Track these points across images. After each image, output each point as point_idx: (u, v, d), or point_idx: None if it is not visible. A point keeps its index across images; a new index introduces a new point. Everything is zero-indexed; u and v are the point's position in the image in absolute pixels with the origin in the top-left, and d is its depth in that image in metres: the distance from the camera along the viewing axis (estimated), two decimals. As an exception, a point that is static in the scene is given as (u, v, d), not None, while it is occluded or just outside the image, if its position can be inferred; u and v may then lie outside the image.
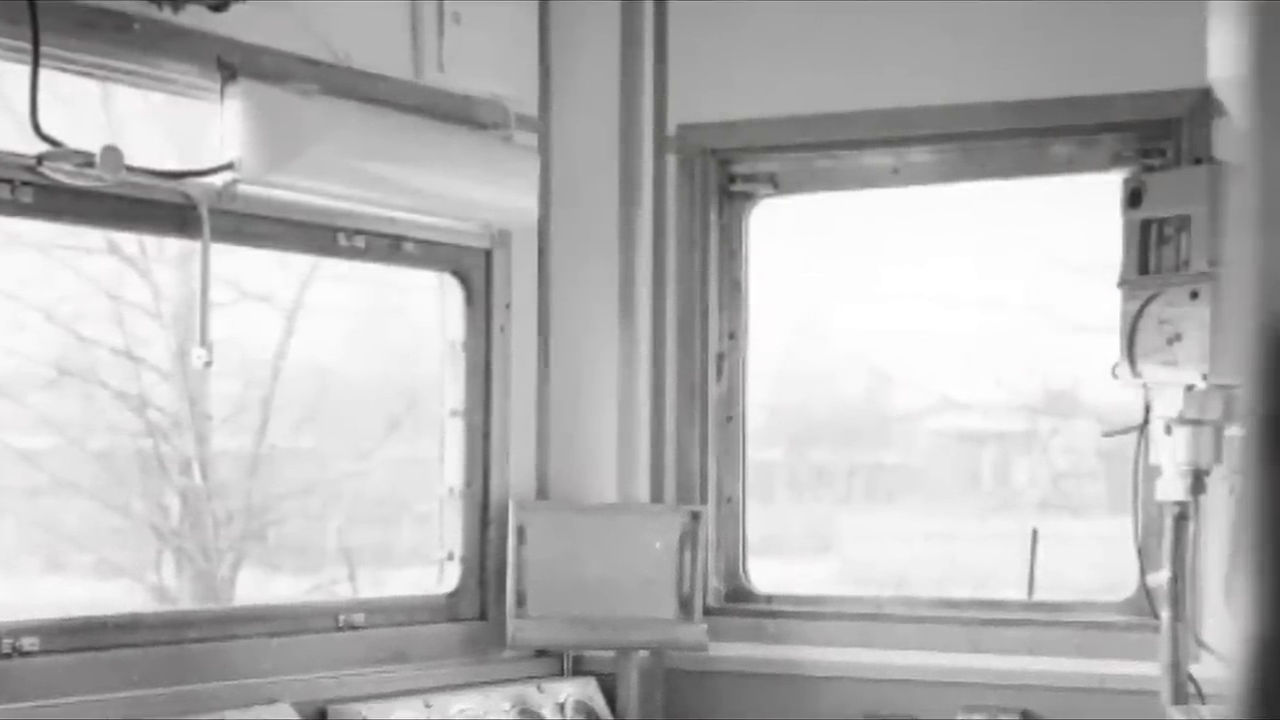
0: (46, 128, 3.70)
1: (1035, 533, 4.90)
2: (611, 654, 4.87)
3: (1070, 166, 4.75)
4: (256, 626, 4.28)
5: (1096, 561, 5.32)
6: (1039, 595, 4.84)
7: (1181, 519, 4.33)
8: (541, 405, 5.03)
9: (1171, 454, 4.27)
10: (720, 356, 5.08)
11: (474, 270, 4.86)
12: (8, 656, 3.71)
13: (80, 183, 3.77)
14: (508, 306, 4.92)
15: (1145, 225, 4.37)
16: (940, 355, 5.34)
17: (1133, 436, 4.48)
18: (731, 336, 5.09)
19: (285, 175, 4.12)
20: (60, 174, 3.75)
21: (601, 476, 4.99)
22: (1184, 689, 4.30)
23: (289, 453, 5.60)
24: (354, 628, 4.49)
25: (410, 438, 5.30)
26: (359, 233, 4.53)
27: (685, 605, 4.86)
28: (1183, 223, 4.28)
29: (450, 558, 4.84)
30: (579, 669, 4.94)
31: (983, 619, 4.75)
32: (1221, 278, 4.13)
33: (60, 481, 5.10)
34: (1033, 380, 5.50)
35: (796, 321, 5.66)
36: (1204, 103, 4.42)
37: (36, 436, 5.02)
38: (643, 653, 4.89)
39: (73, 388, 4.97)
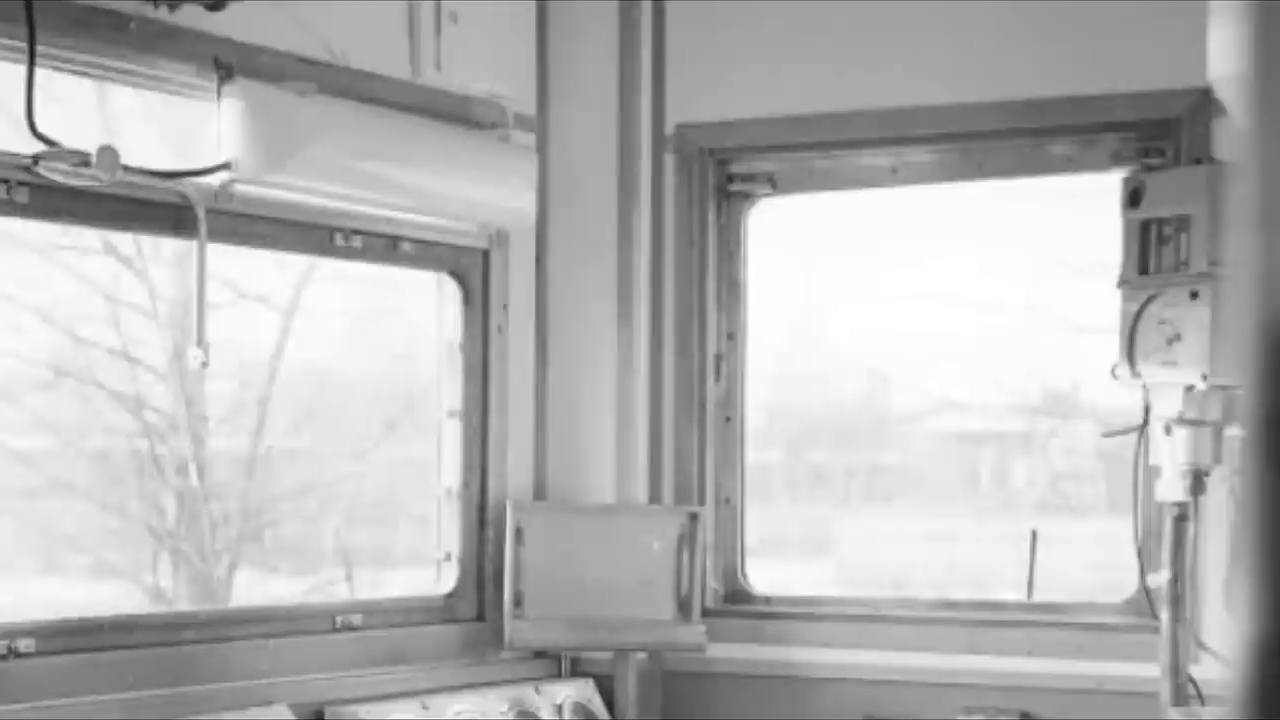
0: (42, 127, 3.69)
1: (1034, 534, 4.90)
2: (609, 655, 4.86)
3: (1070, 166, 4.74)
4: (253, 628, 4.28)
5: (1096, 563, 5.31)
6: (1038, 596, 4.84)
7: (1181, 520, 4.32)
8: (539, 406, 5.02)
9: (1171, 455, 4.26)
10: (718, 357, 5.07)
11: (471, 270, 4.85)
12: (4, 658, 3.71)
13: (76, 183, 3.76)
14: (505, 307, 4.91)
15: (1145, 225, 4.37)
16: (939, 356, 5.32)
17: (1132, 437, 4.47)
18: (730, 337, 5.08)
19: (282, 175, 4.11)
20: (56, 174, 3.74)
21: (599, 477, 4.98)
22: (1184, 690, 4.29)
23: (286, 454, 5.58)
24: (351, 629, 4.49)
25: (408, 438, 5.29)
26: (356, 233, 4.53)
27: (683, 607, 4.86)
28: (1183, 222, 4.28)
29: (447, 559, 4.83)
30: (577, 670, 4.93)
31: (982, 620, 4.75)
32: (1221, 278, 4.12)
33: (56, 483, 5.08)
34: (1032, 381, 5.48)
35: (795, 322, 5.65)
36: (1204, 102, 4.41)
37: (33, 438, 5.01)
38: (641, 654, 4.88)
39: (69, 389, 4.95)
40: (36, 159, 3.71)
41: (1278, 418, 1.03)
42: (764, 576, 5.12)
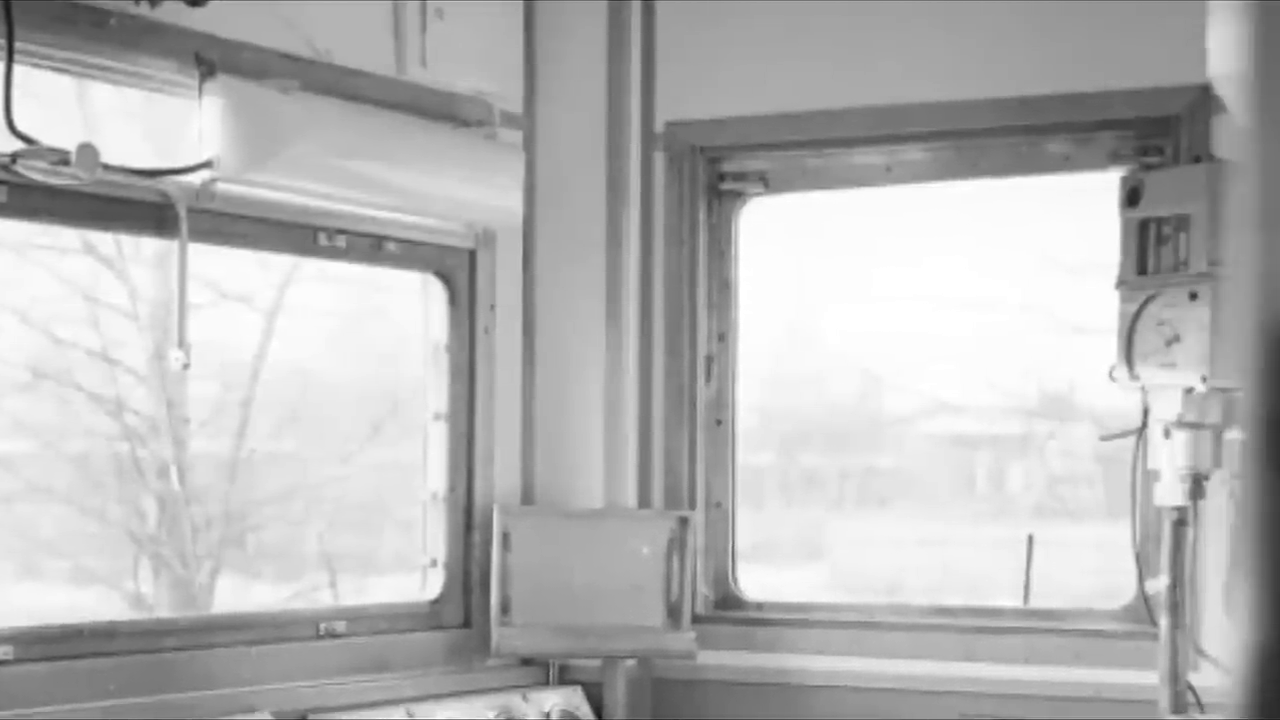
0: (21, 125, 3.68)
1: (1031, 539, 4.89)
2: (598, 662, 4.84)
3: (1067, 164, 4.72)
4: (236, 635, 4.27)
5: (1093, 568, 5.30)
6: (1035, 602, 4.84)
7: (1180, 524, 4.29)
8: (526, 408, 5.00)
9: (1170, 458, 4.24)
10: (709, 358, 5.03)
11: (458, 271, 4.83)
12: (-19, 665, 3.68)
13: (55, 181, 3.75)
14: (492, 308, 4.89)
15: (1143, 224, 4.34)
16: (934, 357, 5.31)
17: (1131, 440, 4.45)
18: (721, 338, 5.05)
19: (265, 173, 4.09)
20: (35, 172, 3.73)
21: (588, 481, 4.95)
22: (1183, 698, 4.27)
23: (269, 457, 5.58)
24: (335, 636, 4.48)
25: (393, 441, 5.28)
26: (340, 232, 4.51)
27: (673, 613, 4.84)
28: (1182, 222, 4.25)
29: (433, 564, 4.81)
30: (565, 678, 4.91)
31: (977, 627, 4.74)
32: (1221, 278, 4.08)
33: (35, 486, 5.08)
34: (1028, 383, 5.46)
35: (787, 323, 5.63)
36: (1203, 100, 4.39)
37: (11, 440, 5.01)
38: (630, 661, 4.87)
39: (48, 391, 4.95)
40: (15, 157, 3.70)
41: (1278, 420, 1.02)
42: (755, 582, 5.11)
